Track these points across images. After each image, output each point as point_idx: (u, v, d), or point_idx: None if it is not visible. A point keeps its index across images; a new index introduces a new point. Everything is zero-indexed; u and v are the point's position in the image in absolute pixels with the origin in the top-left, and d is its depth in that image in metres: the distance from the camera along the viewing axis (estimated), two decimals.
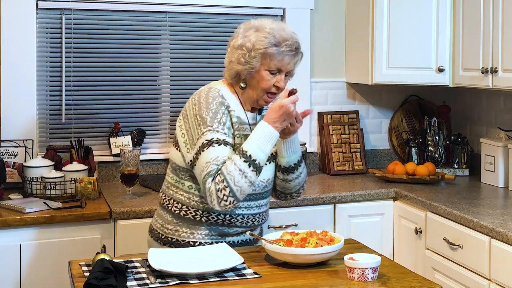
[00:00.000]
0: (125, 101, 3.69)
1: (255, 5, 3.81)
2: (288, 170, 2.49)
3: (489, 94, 3.81)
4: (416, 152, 3.94)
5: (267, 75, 2.40)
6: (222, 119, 2.35)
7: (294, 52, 2.40)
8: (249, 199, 2.44)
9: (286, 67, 2.41)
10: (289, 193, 2.58)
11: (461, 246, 2.88)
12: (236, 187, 2.25)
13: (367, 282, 2.04)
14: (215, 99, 2.37)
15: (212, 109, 2.35)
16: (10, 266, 2.87)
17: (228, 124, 2.37)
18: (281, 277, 2.11)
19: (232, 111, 2.40)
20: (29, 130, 3.43)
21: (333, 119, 3.98)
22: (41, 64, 3.50)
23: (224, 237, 2.44)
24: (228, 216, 2.41)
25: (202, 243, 2.40)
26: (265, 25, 2.41)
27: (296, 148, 2.48)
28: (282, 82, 2.42)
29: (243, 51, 2.38)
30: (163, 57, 3.73)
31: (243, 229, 2.45)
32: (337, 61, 4.05)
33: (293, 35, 2.41)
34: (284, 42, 2.37)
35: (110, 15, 3.62)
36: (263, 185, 2.47)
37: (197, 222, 2.41)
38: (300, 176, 2.53)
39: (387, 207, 3.45)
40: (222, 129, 2.34)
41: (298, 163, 2.50)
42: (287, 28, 2.43)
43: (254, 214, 2.46)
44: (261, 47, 2.37)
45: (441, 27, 3.55)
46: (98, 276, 1.99)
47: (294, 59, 2.42)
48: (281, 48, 2.37)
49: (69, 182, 3.19)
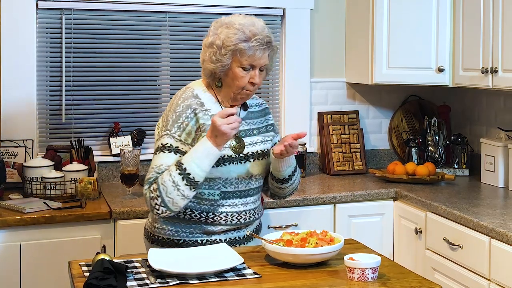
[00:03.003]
0: (125, 101, 3.69)
1: (255, 5, 3.81)
2: (283, 181, 2.51)
3: (489, 94, 3.81)
4: (416, 152, 3.94)
5: (241, 72, 2.39)
6: (183, 124, 2.38)
7: (265, 46, 2.38)
8: (233, 197, 2.43)
9: (259, 62, 2.39)
10: (282, 196, 2.61)
11: (461, 246, 2.88)
12: (167, 198, 2.28)
13: (367, 282, 2.04)
14: (184, 101, 2.41)
15: (177, 112, 2.40)
16: (10, 266, 2.87)
17: (190, 129, 2.38)
18: (281, 277, 2.11)
19: (203, 111, 2.40)
20: (29, 130, 3.44)
21: (333, 119, 3.98)
22: (41, 64, 3.50)
23: (210, 235, 2.43)
24: (211, 214, 2.41)
25: (186, 241, 2.42)
26: (235, 21, 2.41)
27: (291, 162, 2.48)
28: (257, 78, 2.40)
29: (214, 49, 2.40)
30: (163, 57, 3.73)
31: (228, 227, 2.43)
32: (337, 61, 4.05)
33: (263, 29, 2.39)
34: (254, 37, 2.36)
35: (110, 15, 3.62)
36: (246, 182, 2.45)
37: (181, 220, 2.43)
38: (295, 182, 2.55)
39: (387, 207, 3.45)
40: (179, 135, 2.37)
41: (293, 173, 2.50)
42: (258, 22, 2.41)
43: (239, 212, 2.44)
44: (231, 44, 2.37)
45: (441, 27, 3.55)
46: (98, 276, 1.99)
47: (265, 53, 2.40)
48: (251, 43, 2.36)
49: (69, 182, 3.19)
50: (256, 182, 2.49)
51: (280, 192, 2.57)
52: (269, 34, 2.40)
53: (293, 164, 2.49)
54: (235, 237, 2.47)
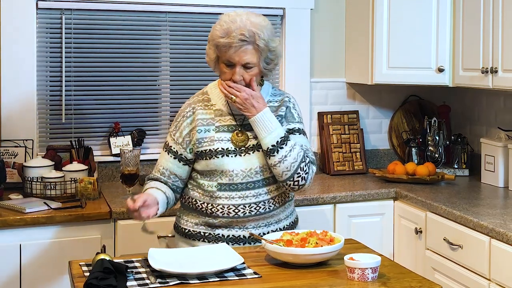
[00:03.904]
0: (125, 101, 3.69)
1: (255, 5, 3.81)
2: (268, 153, 2.42)
3: (489, 94, 3.81)
4: (416, 152, 3.94)
5: (224, 68, 2.44)
6: (179, 123, 2.52)
7: (240, 44, 2.37)
8: (229, 189, 2.44)
9: (235, 59, 2.40)
10: (282, 180, 2.44)
11: (461, 246, 2.88)
12: None
13: (367, 282, 2.04)
14: (192, 99, 2.56)
15: (181, 110, 2.55)
16: (10, 266, 2.87)
17: (182, 128, 2.49)
18: (281, 277, 2.11)
19: (207, 106, 2.50)
20: (29, 130, 3.43)
21: (333, 119, 3.98)
22: (41, 64, 3.50)
23: (214, 228, 2.46)
24: (210, 205, 2.45)
25: (191, 231, 2.49)
26: (224, 17, 2.44)
27: (270, 128, 2.41)
28: (237, 75, 2.41)
29: (208, 43, 2.48)
30: (163, 57, 3.73)
31: (226, 219, 2.44)
32: (337, 61, 4.05)
33: (243, 26, 2.37)
34: (230, 34, 2.37)
35: (110, 15, 3.62)
36: (243, 175, 2.45)
37: (190, 210, 2.52)
38: (286, 161, 2.40)
39: (387, 207, 3.45)
40: (174, 134, 2.53)
41: (278, 144, 2.41)
42: (242, 18, 2.40)
43: (236, 204, 2.44)
44: (212, 39, 2.44)
45: (441, 27, 3.55)
46: (98, 276, 1.99)
47: (243, 50, 2.38)
48: (227, 40, 2.37)
49: (69, 182, 3.19)
50: (257, 176, 2.46)
51: (275, 173, 2.44)
52: (245, 32, 2.37)
53: (273, 132, 2.41)
54: (239, 235, 2.47)
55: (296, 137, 2.51)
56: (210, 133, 2.47)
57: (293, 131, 2.52)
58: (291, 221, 2.60)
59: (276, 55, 2.50)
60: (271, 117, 2.44)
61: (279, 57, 2.53)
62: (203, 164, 2.48)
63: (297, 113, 2.57)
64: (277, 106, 2.55)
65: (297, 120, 2.56)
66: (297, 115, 2.57)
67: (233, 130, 2.48)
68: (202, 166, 2.48)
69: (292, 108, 2.57)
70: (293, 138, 2.48)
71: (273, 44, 2.46)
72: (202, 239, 2.48)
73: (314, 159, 2.54)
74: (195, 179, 2.52)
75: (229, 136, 2.46)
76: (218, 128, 2.48)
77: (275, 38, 2.49)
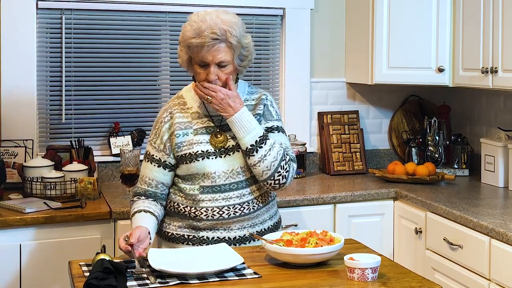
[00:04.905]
0: (125, 101, 3.69)
1: (255, 5, 3.81)
2: (247, 153, 2.40)
3: (489, 94, 3.81)
4: (416, 152, 3.94)
5: (198, 68, 2.41)
6: (158, 130, 2.49)
7: (212, 42, 2.34)
8: (212, 191, 2.42)
9: (208, 59, 2.37)
10: (262, 180, 2.42)
11: (461, 246, 2.88)
12: None
13: (367, 282, 2.04)
14: (167, 104, 2.53)
15: (157, 118, 2.52)
16: (10, 266, 2.87)
17: (162, 134, 2.47)
18: (281, 277, 2.11)
19: (183, 110, 2.47)
20: (29, 130, 3.43)
21: (333, 119, 3.98)
22: (41, 64, 3.50)
23: (198, 231, 2.45)
24: (193, 208, 2.43)
25: (174, 234, 2.47)
26: (193, 16, 2.41)
27: (248, 128, 2.39)
28: (211, 75, 2.38)
29: (179, 45, 2.45)
30: (163, 57, 3.73)
31: (210, 222, 2.43)
32: (337, 61, 4.05)
33: (214, 24, 2.34)
34: (202, 33, 2.34)
35: (110, 15, 3.62)
36: (225, 176, 2.43)
37: (172, 213, 2.49)
38: (265, 160, 2.38)
39: (387, 207, 3.45)
40: (155, 142, 2.49)
41: (257, 144, 2.39)
42: (212, 17, 2.37)
43: (220, 206, 2.42)
44: (183, 40, 2.41)
45: (441, 27, 3.55)
46: (98, 276, 1.99)
47: (217, 49, 2.36)
48: (198, 40, 2.34)
49: (69, 182, 3.19)
50: (239, 176, 2.44)
51: (255, 172, 2.41)
52: (217, 31, 2.33)
53: (252, 132, 2.39)
54: (224, 237, 2.45)
55: (275, 135, 2.48)
56: (188, 137, 2.44)
57: (272, 129, 2.49)
58: (275, 222, 2.60)
59: (249, 51, 2.46)
60: (248, 116, 2.41)
61: (253, 53, 2.49)
62: (183, 169, 2.45)
63: (275, 111, 2.54)
64: (255, 104, 2.52)
65: (276, 118, 2.53)
66: (275, 112, 2.54)
67: (211, 132, 2.45)
68: (183, 170, 2.46)
69: (270, 105, 2.54)
70: (272, 136, 2.46)
71: (245, 40, 2.43)
72: (186, 242, 2.45)
73: (294, 156, 2.51)
74: (177, 184, 2.49)
75: (208, 138, 2.44)
76: (196, 131, 2.45)
77: (247, 34, 2.46)
